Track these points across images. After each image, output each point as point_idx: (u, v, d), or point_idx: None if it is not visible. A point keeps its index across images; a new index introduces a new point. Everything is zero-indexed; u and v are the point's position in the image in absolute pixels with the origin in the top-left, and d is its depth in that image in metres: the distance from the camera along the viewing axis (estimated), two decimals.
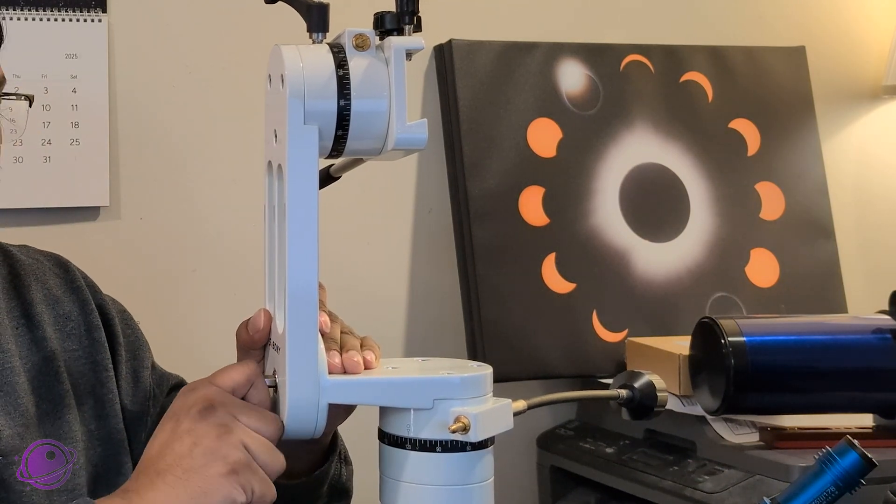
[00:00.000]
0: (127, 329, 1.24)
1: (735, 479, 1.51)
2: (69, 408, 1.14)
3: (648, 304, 1.85)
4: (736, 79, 1.99)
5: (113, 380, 1.19)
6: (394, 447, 0.96)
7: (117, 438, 1.18)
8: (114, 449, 1.18)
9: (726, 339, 1.48)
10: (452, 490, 0.96)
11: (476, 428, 0.93)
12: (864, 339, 1.52)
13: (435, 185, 1.86)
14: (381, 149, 0.97)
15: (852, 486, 0.97)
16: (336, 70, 0.94)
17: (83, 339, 1.19)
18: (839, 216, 2.02)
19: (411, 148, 0.97)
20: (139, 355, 1.24)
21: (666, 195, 1.92)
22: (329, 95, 0.94)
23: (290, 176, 0.94)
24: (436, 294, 1.87)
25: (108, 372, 1.19)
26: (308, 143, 0.94)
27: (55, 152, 1.62)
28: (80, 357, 1.18)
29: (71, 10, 1.62)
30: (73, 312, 1.20)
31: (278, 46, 0.95)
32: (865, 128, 2.15)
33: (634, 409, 1.04)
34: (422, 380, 0.96)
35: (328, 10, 0.96)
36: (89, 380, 1.18)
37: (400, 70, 0.95)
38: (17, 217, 1.60)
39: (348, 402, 0.98)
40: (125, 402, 1.20)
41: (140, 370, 1.23)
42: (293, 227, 0.95)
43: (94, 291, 1.23)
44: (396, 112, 0.95)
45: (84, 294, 1.22)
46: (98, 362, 1.19)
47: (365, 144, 0.96)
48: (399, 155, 0.99)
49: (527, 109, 1.85)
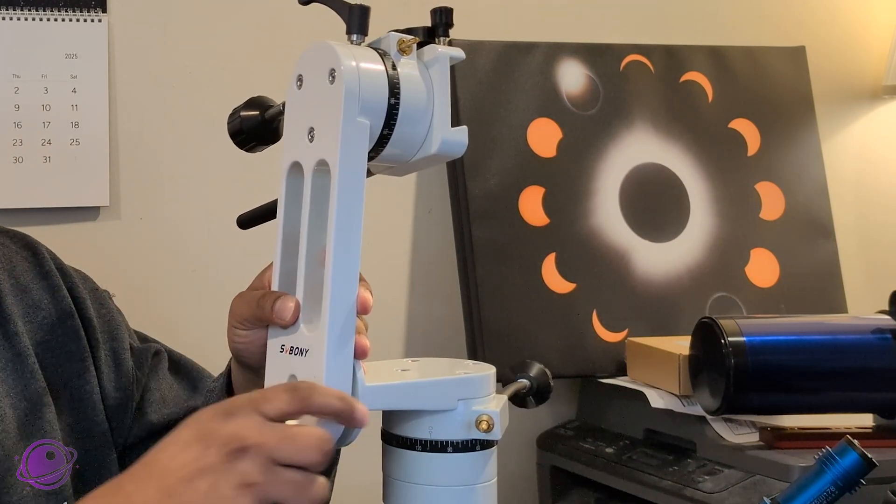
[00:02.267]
0: (101, 309, 1.20)
1: (735, 479, 1.51)
2: (47, 406, 1.11)
3: (648, 304, 1.85)
4: (736, 79, 1.99)
5: (90, 370, 1.16)
6: (403, 449, 0.96)
7: (98, 431, 1.15)
8: (95, 443, 1.15)
9: (726, 339, 1.48)
10: (462, 490, 0.96)
11: (498, 426, 0.95)
12: (864, 339, 1.52)
13: (435, 185, 1.86)
14: (413, 154, 0.98)
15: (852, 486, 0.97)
16: (386, 69, 0.95)
17: (56, 329, 1.15)
18: (839, 216, 2.02)
19: (451, 154, 0.98)
20: (117, 335, 1.20)
21: (666, 195, 1.92)
22: (380, 93, 0.94)
23: (341, 171, 0.92)
24: (436, 294, 1.87)
25: (84, 362, 1.16)
26: (360, 138, 0.93)
27: (55, 152, 1.62)
28: (54, 347, 1.15)
29: (71, 10, 1.62)
30: (44, 300, 1.16)
31: (326, 43, 0.94)
32: (865, 128, 2.15)
33: (536, 396, 1.07)
34: (449, 381, 0.96)
35: (369, 13, 0.96)
36: (65, 371, 1.15)
37: (444, 77, 0.97)
38: (17, 217, 1.60)
39: (384, 408, 0.97)
40: (108, 389, 1.17)
41: (120, 351, 1.19)
42: (341, 225, 0.92)
43: (64, 273, 1.19)
44: (440, 117, 0.97)
45: (54, 280, 1.18)
46: (73, 352, 1.15)
47: (401, 148, 0.97)
48: (433, 163, 0.99)
49: (527, 109, 1.85)
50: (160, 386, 1.21)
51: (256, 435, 0.85)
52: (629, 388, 1.71)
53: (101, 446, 1.15)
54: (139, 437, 1.19)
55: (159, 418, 1.19)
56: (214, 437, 0.86)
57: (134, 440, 1.19)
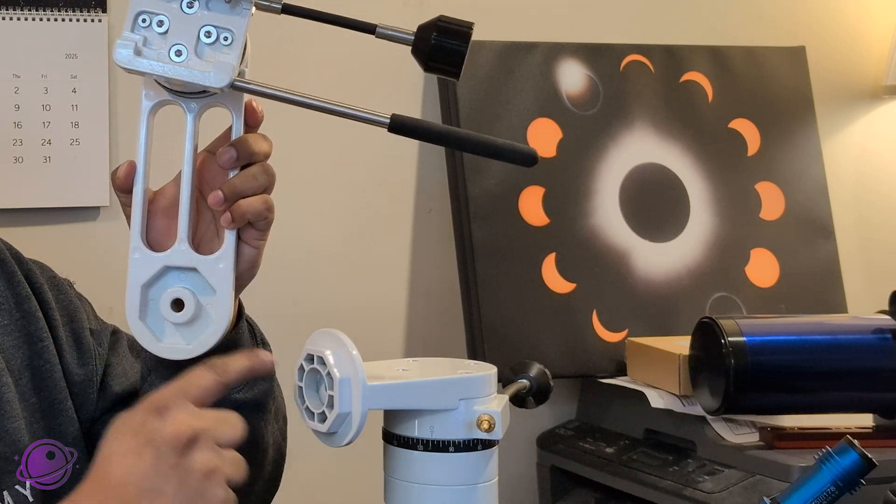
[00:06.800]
0: (59, 294, 1.21)
1: (735, 479, 1.51)
2: (6, 386, 1.11)
3: (648, 304, 1.86)
4: (736, 79, 1.99)
5: (50, 349, 1.16)
6: (404, 448, 0.96)
7: (59, 409, 1.15)
8: (57, 421, 1.15)
9: (726, 339, 1.48)
10: (463, 490, 0.96)
11: (499, 426, 0.95)
12: (864, 339, 1.52)
13: (435, 185, 1.86)
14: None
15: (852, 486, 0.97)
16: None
17: (13, 313, 1.15)
18: (839, 216, 2.02)
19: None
20: (76, 317, 1.20)
21: (666, 195, 1.92)
22: None
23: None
24: (436, 294, 1.87)
25: (43, 343, 1.16)
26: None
27: (55, 152, 1.62)
28: (13, 331, 1.15)
29: (71, 10, 1.62)
30: (0, 287, 1.16)
31: None
32: (865, 128, 2.15)
33: (536, 396, 1.07)
34: (450, 380, 0.96)
35: None
36: (24, 353, 1.15)
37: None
38: (17, 217, 1.60)
39: (385, 408, 0.97)
40: (71, 368, 1.17)
41: (80, 332, 1.20)
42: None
43: (20, 261, 1.19)
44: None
45: (9, 266, 1.17)
46: (32, 333, 1.15)
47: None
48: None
49: (527, 109, 1.85)
50: (121, 361, 1.23)
51: (198, 423, 0.90)
52: (629, 388, 1.71)
53: (64, 423, 1.15)
54: (104, 408, 1.20)
55: (121, 389, 1.20)
56: (161, 438, 0.89)
57: (99, 412, 1.20)
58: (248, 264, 1.07)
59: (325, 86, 1.76)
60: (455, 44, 0.97)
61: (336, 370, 0.93)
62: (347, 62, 1.78)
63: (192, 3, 0.97)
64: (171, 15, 0.97)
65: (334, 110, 0.98)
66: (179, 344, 1.03)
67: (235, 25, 0.98)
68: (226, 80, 0.96)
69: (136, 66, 0.97)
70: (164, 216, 1.07)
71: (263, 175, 1.05)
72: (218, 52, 0.97)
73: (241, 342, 1.10)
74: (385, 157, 1.82)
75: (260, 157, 1.05)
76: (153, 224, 1.07)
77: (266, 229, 1.07)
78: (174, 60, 0.97)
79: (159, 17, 0.97)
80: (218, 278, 1.03)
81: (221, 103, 1.03)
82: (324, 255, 1.80)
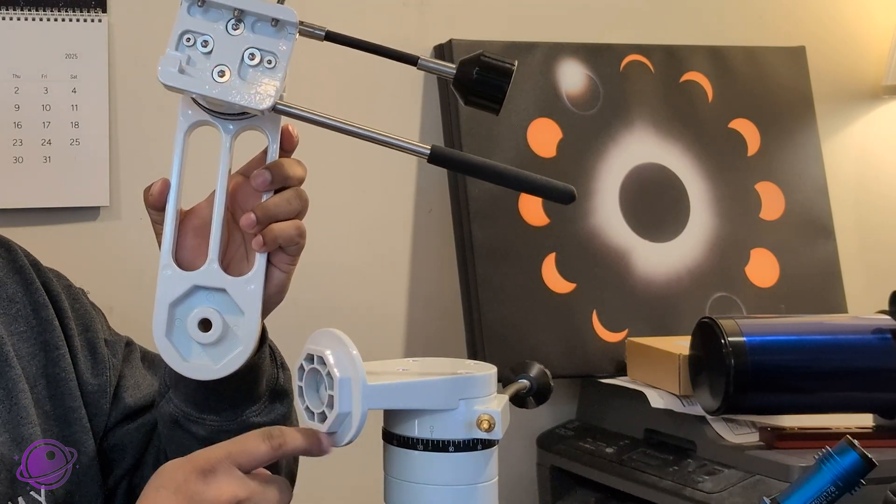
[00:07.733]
0: (75, 303, 1.21)
1: (735, 479, 1.51)
2: (23, 392, 1.12)
3: (648, 304, 1.86)
4: (736, 79, 1.99)
5: (66, 357, 1.17)
6: (404, 448, 0.96)
7: (73, 417, 1.16)
8: (72, 429, 1.15)
9: (726, 339, 1.48)
10: (463, 490, 0.96)
11: (499, 426, 0.95)
12: (864, 339, 1.52)
13: (435, 185, 1.86)
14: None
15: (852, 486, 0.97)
16: None
17: (30, 320, 1.16)
18: (839, 216, 2.02)
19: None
20: (91, 327, 1.21)
21: (666, 195, 1.92)
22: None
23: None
24: (436, 294, 1.87)
25: (59, 351, 1.16)
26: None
27: (55, 152, 1.62)
28: (30, 339, 1.16)
29: (71, 10, 1.62)
30: (18, 294, 1.17)
31: None
32: (865, 128, 2.15)
33: (536, 396, 1.07)
34: (450, 380, 0.96)
35: None
36: (40, 361, 1.15)
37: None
38: (17, 217, 1.60)
39: (385, 408, 0.97)
40: (85, 377, 1.18)
41: (95, 342, 1.20)
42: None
43: (38, 269, 1.20)
44: None
45: (27, 273, 1.18)
46: (48, 342, 1.16)
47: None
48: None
49: (527, 109, 1.85)
50: (134, 373, 1.23)
51: (242, 492, 0.91)
52: (629, 388, 1.71)
53: (78, 432, 1.16)
54: (116, 420, 1.20)
55: (134, 402, 1.21)
56: (201, 502, 0.90)
57: (111, 424, 1.20)
58: (277, 288, 1.06)
59: (325, 86, 1.77)
60: (496, 79, 0.97)
61: (336, 370, 0.93)
62: (347, 60, 1.78)
63: (237, 24, 0.97)
64: (216, 35, 0.97)
65: (375, 138, 0.99)
66: (206, 364, 1.02)
67: (280, 49, 0.98)
68: (268, 103, 0.96)
69: (179, 84, 0.97)
70: (195, 236, 1.06)
71: (297, 200, 1.04)
72: (261, 75, 0.97)
73: (263, 366, 1.11)
74: (385, 157, 1.82)
75: (294, 182, 1.05)
76: (183, 243, 1.07)
77: (297, 254, 1.06)
78: (217, 81, 0.97)
79: (204, 37, 0.98)
80: (247, 300, 1.02)
81: (258, 126, 1.03)
82: (324, 255, 1.80)
